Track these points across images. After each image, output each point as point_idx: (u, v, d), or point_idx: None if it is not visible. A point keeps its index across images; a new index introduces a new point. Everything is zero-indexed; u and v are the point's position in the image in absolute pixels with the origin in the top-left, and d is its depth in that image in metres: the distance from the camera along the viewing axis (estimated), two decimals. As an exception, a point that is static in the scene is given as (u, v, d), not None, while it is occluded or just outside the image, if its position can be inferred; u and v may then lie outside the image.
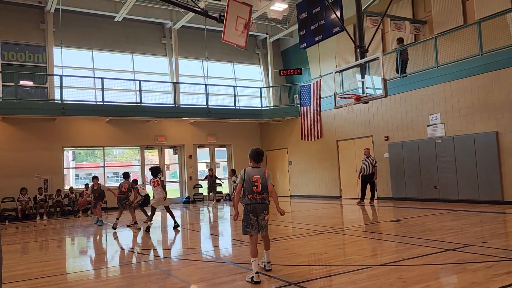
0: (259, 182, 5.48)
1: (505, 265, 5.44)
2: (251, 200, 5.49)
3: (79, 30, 18.68)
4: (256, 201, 5.48)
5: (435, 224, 9.24)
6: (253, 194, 5.47)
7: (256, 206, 5.49)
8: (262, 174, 5.55)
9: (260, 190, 5.48)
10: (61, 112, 16.00)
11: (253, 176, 5.51)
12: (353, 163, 16.70)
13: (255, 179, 5.49)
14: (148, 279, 5.76)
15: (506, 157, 11.90)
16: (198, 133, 20.70)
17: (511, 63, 11.71)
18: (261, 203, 5.50)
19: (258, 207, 5.49)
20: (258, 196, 5.48)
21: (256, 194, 5.47)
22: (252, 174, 5.53)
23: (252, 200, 5.48)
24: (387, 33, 16.56)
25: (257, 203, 5.49)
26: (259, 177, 5.51)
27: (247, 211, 5.51)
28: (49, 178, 17.13)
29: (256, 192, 5.47)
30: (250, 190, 5.48)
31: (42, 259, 7.84)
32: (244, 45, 13.40)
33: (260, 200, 5.49)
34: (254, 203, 5.48)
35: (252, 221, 5.48)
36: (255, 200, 5.48)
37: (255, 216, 5.48)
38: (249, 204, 5.50)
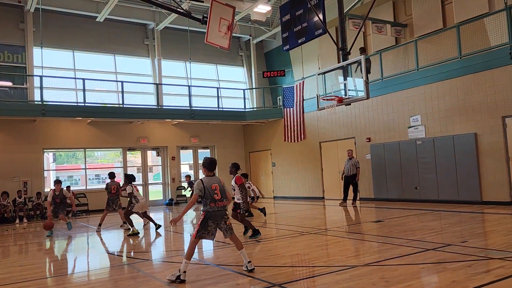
0: (218, 189, 5.66)
1: (484, 263, 5.56)
2: (212, 208, 5.63)
3: (60, 30, 18.41)
4: (218, 209, 5.65)
5: (416, 224, 9.38)
6: (214, 202, 5.62)
7: (217, 213, 5.65)
8: (218, 182, 5.76)
9: (220, 197, 5.65)
10: (41, 114, 15.73)
11: (212, 184, 5.67)
12: (336, 164, 16.84)
13: (214, 187, 5.65)
14: (130, 282, 5.71)
15: (484, 158, 12.16)
16: (181, 135, 20.59)
17: (489, 66, 11.97)
18: (221, 210, 5.69)
19: (219, 214, 5.67)
20: (219, 204, 5.66)
21: (218, 202, 5.64)
22: (211, 182, 5.68)
23: (213, 208, 5.63)
24: (369, 35, 16.77)
25: (218, 210, 5.66)
26: (217, 185, 5.70)
27: (207, 218, 5.62)
28: (29, 180, 16.82)
29: (217, 200, 5.63)
30: (211, 199, 5.61)
31: (22, 263, 7.70)
32: (227, 47, 13.41)
33: (221, 207, 5.68)
34: (216, 210, 5.64)
35: (211, 227, 5.62)
36: (217, 207, 5.64)
37: (215, 223, 5.64)
38: (210, 211, 5.63)
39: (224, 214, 5.73)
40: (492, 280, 4.73)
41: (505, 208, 11.12)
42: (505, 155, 11.71)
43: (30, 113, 16.02)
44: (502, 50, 11.69)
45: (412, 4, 15.35)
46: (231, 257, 7.04)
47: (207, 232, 5.63)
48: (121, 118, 17.93)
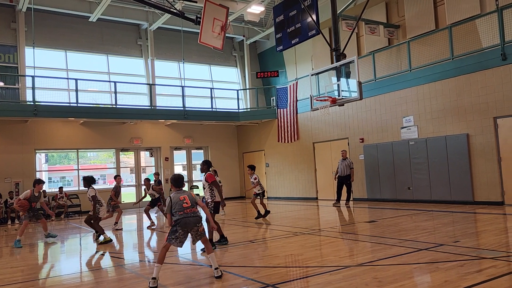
0: (187, 199, 5.66)
1: (476, 263, 5.59)
2: (181, 215, 5.57)
3: (52, 30, 18.29)
4: (187, 215, 5.58)
5: (409, 225, 9.43)
6: (183, 210, 5.58)
7: (187, 220, 5.57)
8: (188, 194, 5.77)
9: (190, 204, 5.63)
10: (33, 114, 15.62)
11: (180, 196, 5.69)
12: (329, 165, 16.88)
13: (182, 198, 5.66)
14: (123, 284, 5.69)
15: (476, 158, 12.24)
16: (174, 135, 20.54)
17: (481, 67, 12.06)
18: (192, 216, 5.60)
19: (189, 221, 5.58)
20: (188, 210, 5.60)
21: (186, 209, 5.59)
22: (178, 196, 5.71)
23: (182, 215, 5.57)
24: (362, 36, 16.83)
25: (188, 217, 5.58)
26: (186, 195, 5.70)
27: (176, 224, 5.57)
28: (21, 181, 16.69)
29: (186, 207, 5.60)
30: (180, 208, 5.58)
31: (13, 264, 7.63)
32: (221, 47, 13.40)
33: (191, 213, 5.60)
34: (185, 217, 5.57)
35: (179, 234, 5.55)
36: (185, 214, 5.58)
37: (184, 230, 5.56)
38: (180, 219, 5.56)
39: (197, 222, 5.62)
40: (484, 280, 4.76)
41: (497, 208, 11.20)
42: (496, 156, 11.80)
43: (22, 114, 15.90)
44: (493, 51, 11.79)
45: (405, 5, 15.43)
46: (224, 258, 7.03)
47: (175, 238, 5.55)
48: (114, 118, 17.84)
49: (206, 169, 8.22)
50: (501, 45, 11.53)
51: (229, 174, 21.71)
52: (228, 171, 21.66)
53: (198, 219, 5.65)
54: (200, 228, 5.68)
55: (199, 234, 5.67)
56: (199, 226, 5.66)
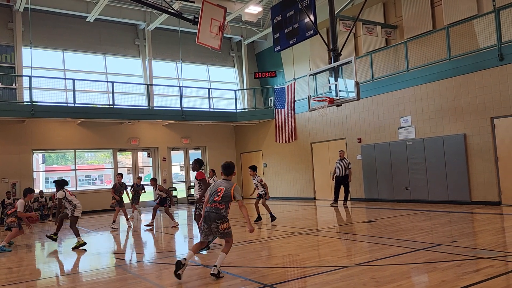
0: (221, 192, 5.64)
1: (473, 263, 5.61)
2: (207, 208, 5.67)
3: (49, 30, 18.25)
4: (210, 210, 5.64)
5: (407, 225, 9.44)
6: (211, 202, 5.65)
7: (210, 215, 5.62)
8: (227, 187, 5.69)
9: (219, 199, 5.62)
10: (31, 114, 15.57)
11: (218, 186, 5.71)
12: (327, 165, 16.89)
13: (219, 190, 5.67)
14: (120, 284, 5.67)
15: (474, 159, 12.27)
16: (172, 136, 20.52)
17: (478, 67, 12.09)
18: (214, 212, 5.62)
19: (211, 215, 5.62)
20: (214, 205, 5.63)
21: (213, 203, 5.63)
22: (218, 185, 5.75)
23: (207, 208, 5.67)
24: (360, 37, 16.85)
25: (210, 212, 5.63)
26: (223, 188, 5.67)
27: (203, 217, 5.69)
28: (18, 181, 16.64)
29: (216, 201, 5.62)
30: (211, 200, 5.68)
31: (10, 265, 7.60)
32: (218, 47, 13.40)
33: (214, 208, 5.63)
34: (208, 211, 5.64)
35: (203, 227, 5.67)
36: (209, 208, 5.66)
37: (207, 224, 5.64)
38: (205, 211, 5.69)
39: (218, 218, 5.60)
40: (481, 280, 4.77)
41: (494, 208, 11.23)
42: (493, 156, 11.83)
43: (19, 114, 15.85)
44: (490, 52, 11.82)
45: (402, 5, 15.46)
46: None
47: (201, 231, 5.75)
48: (112, 118, 17.81)
49: (197, 167, 8.20)
50: (498, 45, 11.56)
51: (226, 175, 21.69)
52: (225, 171, 21.64)
53: (219, 215, 5.61)
54: (222, 226, 5.60)
55: (219, 232, 5.64)
56: (219, 222, 5.59)
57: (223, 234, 5.67)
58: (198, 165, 8.21)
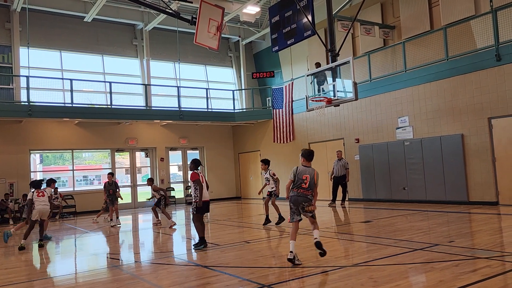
0: (308, 180, 6.27)
1: (470, 263, 5.62)
2: (294, 192, 6.29)
3: (47, 30, 18.21)
4: (299, 194, 6.27)
5: (404, 225, 9.46)
6: (298, 189, 6.27)
7: (298, 198, 6.27)
8: (311, 173, 6.33)
9: (307, 187, 6.27)
10: (28, 114, 15.53)
11: (303, 175, 6.30)
12: (325, 165, 16.88)
13: (304, 178, 6.28)
14: (118, 284, 5.67)
15: (471, 159, 12.30)
16: (170, 136, 20.50)
17: (475, 68, 12.12)
18: (303, 196, 6.28)
19: (300, 199, 6.27)
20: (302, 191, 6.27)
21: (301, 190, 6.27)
22: (303, 172, 6.31)
23: (295, 193, 6.29)
24: (357, 37, 16.87)
25: (299, 196, 6.28)
26: (308, 175, 6.30)
27: (290, 201, 6.33)
28: (15, 182, 16.60)
29: (304, 188, 6.27)
30: (298, 186, 6.27)
31: (8, 265, 7.58)
32: (216, 48, 13.39)
33: (303, 194, 6.28)
34: (296, 195, 6.27)
35: (293, 209, 6.30)
36: (297, 193, 6.28)
37: (295, 206, 6.28)
38: (292, 196, 6.31)
39: (305, 201, 6.24)
40: (479, 279, 4.78)
41: (491, 208, 11.26)
42: (491, 156, 11.86)
43: (16, 114, 15.81)
44: (488, 52, 11.85)
45: (400, 6, 15.49)
46: (220, 259, 7.02)
47: (293, 213, 6.29)
48: (109, 119, 17.78)
49: (193, 167, 8.21)
50: (496, 46, 11.59)
51: (224, 175, 21.72)
52: (223, 172, 21.67)
53: (305, 199, 6.27)
54: (308, 207, 6.26)
55: (307, 213, 6.30)
56: (305, 205, 6.25)
57: (311, 214, 6.33)
58: (193, 165, 8.23)
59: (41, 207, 9.59)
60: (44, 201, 9.61)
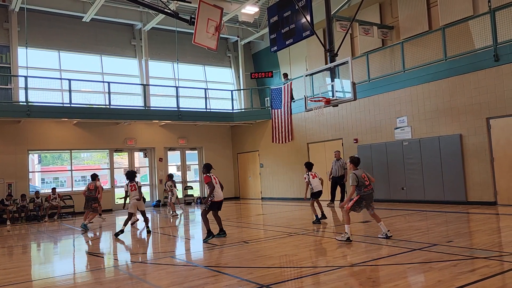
0: (366, 177, 7.70)
1: (469, 263, 5.63)
2: (365, 192, 7.64)
3: (46, 30, 18.19)
4: (368, 192, 7.70)
5: (403, 225, 9.47)
6: (366, 187, 7.62)
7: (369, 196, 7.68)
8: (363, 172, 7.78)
9: (369, 183, 7.69)
10: (26, 114, 15.51)
11: (361, 174, 7.69)
12: (324, 165, 16.89)
13: (363, 176, 7.68)
14: (118, 285, 5.66)
15: (470, 159, 12.32)
16: (168, 136, 20.48)
17: (474, 68, 12.14)
18: (371, 192, 7.74)
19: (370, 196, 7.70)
20: (369, 187, 7.69)
21: (367, 187, 7.65)
22: (360, 173, 7.71)
23: (366, 192, 7.65)
24: (356, 37, 16.89)
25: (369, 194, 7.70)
26: (364, 174, 7.74)
27: (362, 198, 7.61)
28: (14, 182, 16.57)
29: (367, 185, 7.64)
30: (363, 185, 7.62)
31: (6, 266, 7.58)
32: (215, 48, 13.40)
33: (370, 190, 7.73)
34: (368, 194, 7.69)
35: (362, 204, 7.67)
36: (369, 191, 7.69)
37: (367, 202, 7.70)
38: (364, 195, 7.61)
39: (373, 196, 7.78)
40: (477, 279, 4.79)
41: (490, 208, 11.28)
42: (489, 156, 11.88)
43: (14, 114, 15.78)
44: (486, 53, 11.87)
45: (398, 6, 15.51)
46: (219, 259, 7.03)
47: (359, 207, 7.64)
48: (108, 119, 17.76)
49: (205, 171, 8.96)
50: (494, 46, 11.61)
51: (223, 175, 21.68)
52: (222, 172, 21.62)
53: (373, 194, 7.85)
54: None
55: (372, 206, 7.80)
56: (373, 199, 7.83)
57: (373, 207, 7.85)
58: (205, 169, 9.01)
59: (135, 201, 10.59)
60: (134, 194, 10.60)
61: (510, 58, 11.35)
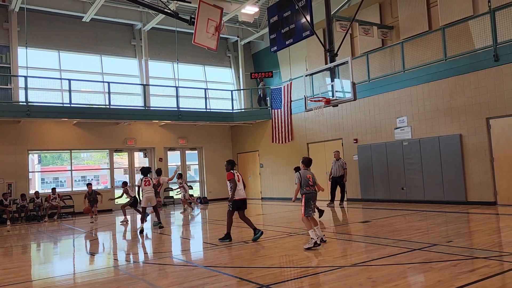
0: (311, 179, 7.60)
1: (469, 263, 5.63)
2: (308, 190, 7.53)
3: (45, 30, 18.18)
4: (311, 191, 7.57)
5: (403, 225, 9.47)
6: (309, 186, 7.55)
7: (313, 195, 7.60)
8: (311, 174, 7.71)
9: (312, 184, 7.59)
10: (26, 114, 15.50)
11: (307, 174, 7.60)
12: (323, 166, 16.90)
13: (308, 177, 7.57)
14: (117, 285, 5.66)
15: (469, 159, 12.32)
16: (168, 136, 20.48)
17: (473, 68, 12.14)
18: (314, 192, 7.63)
19: (313, 195, 7.60)
20: (312, 188, 7.57)
21: (310, 187, 7.55)
22: (305, 173, 7.61)
23: (309, 190, 7.54)
24: (356, 37, 16.88)
25: (311, 193, 7.58)
26: (310, 175, 7.63)
27: (308, 198, 7.54)
28: (13, 182, 16.57)
29: (310, 185, 7.55)
30: (306, 184, 7.52)
31: (6, 266, 7.57)
32: (215, 48, 13.40)
33: (313, 191, 7.62)
34: (311, 192, 7.56)
35: (311, 205, 7.56)
36: (311, 190, 7.56)
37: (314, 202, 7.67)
38: (308, 193, 7.54)
39: (315, 198, 7.70)
40: (477, 279, 4.79)
41: (490, 208, 11.28)
42: (489, 156, 11.88)
43: (14, 114, 15.77)
44: (486, 53, 11.87)
45: (398, 6, 15.50)
46: (219, 259, 7.03)
47: (310, 208, 7.51)
48: (108, 119, 17.75)
49: (229, 168, 8.85)
50: (494, 46, 11.61)
51: (223, 175, 21.62)
52: (222, 172, 21.57)
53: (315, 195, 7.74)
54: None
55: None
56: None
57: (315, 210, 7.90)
58: (229, 166, 8.93)
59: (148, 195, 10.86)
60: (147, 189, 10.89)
61: (510, 58, 11.35)
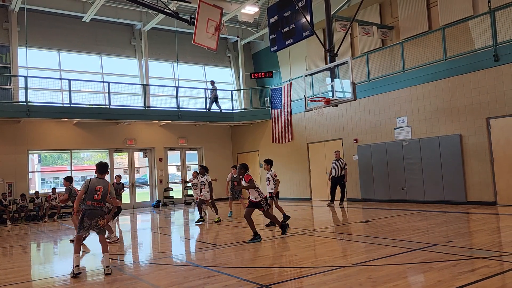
0: (101, 191, 6.21)
1: (469, 263, 5.63)
2: (88, 206, 6.18)
3: (45, 30, 18.18)
4: (93, 207, 6.20)
5: (403, 225, 9.47)
6: (92, 201, 6.18)
7: (92, 212, 6.20)
8: (105, 185, 6.28)
9: (99, 198, 6.22)
10: (26, 114, 15.50)
11: (97, 186, 6.22)
12: (323, 165, 16.91)
13: (98, 188, 6.20)
14: (117, 285, 5.66)
15: (469, 159, 12.32)
16: (168, 136, 20.48)
17: (473, 68, 12.14)
18: (97, 209, 6.24)
19: (94, 212, 6.21)
20: (96, 204, 6.21)
21: (95, 202, 6.19)
22: (96, 184, 6.25)
23: (89, 206, 6.19)
24: (356, 37, 16.88)
25: (94, 209, 6.21)
26: (102, 187, 6.23)
27: (83, 215, 6.20)
28: (13, 182, 16.56)
29: (96, 200, 6.19)
30: (90, 198, 6.18)
31: (6, 266, 7.57)
32: (215, 48, 13.41)
33: (98, 207, 6.24)
34: (91, 208, 6.19)
35: (86, 223, 6.19)
36: (92, 206, 6.20)
37: (89, 220, 6.20)
38: (86, 209, 6.19)
39: (100, 214, 6.23)
40: (477, 279, 4.79)
41: (489, 208, 11.28)
42: (489, 156, 11.88)
43: (14, 114, 15.77)
44: (486, 53, 11.87)
45: (398, 6, 15.50)
46: (219, 259, 7.03)
47: (83, 227, 6.20)
48: (108, 119, 17.75)
49: (243, 172, 8.71)
50: (494, 46, 11.61)
51: (223, 175, 21.65)
52: (222, 172, 21.60)
53: (102, 212, 6.30)
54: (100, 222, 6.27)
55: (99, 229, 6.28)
56: (100, 218, 6.26)
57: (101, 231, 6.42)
58: (244, 170, 8.78)
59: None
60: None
61: (510, 58, 11.35)
